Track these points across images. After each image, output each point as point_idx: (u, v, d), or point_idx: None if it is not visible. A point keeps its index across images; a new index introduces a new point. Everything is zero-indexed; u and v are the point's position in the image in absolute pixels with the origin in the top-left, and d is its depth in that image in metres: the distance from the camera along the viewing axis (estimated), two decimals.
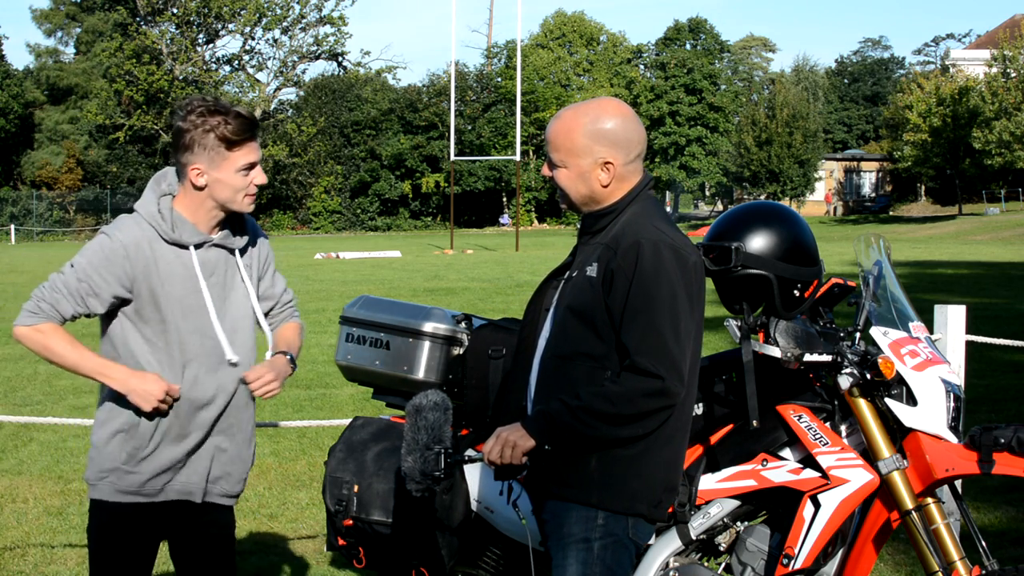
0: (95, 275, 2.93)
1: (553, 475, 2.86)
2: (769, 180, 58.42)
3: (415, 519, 3.46)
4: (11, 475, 6.90)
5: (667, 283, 2.73)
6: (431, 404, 2.92)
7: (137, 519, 3.07)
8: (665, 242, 2.77)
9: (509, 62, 64.15)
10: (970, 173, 52.57)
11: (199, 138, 2.93)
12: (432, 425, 2.89)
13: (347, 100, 64.91)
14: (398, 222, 64.25)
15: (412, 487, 2.91)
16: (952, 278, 20.62)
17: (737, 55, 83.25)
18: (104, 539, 3.10)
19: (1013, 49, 49.36)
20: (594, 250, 2.86)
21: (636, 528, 2.85)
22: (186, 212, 3.02)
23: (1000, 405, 8.38)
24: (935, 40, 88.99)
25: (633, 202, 2.89)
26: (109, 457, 3.03)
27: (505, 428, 2.81)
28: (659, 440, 2.80)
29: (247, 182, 3.01)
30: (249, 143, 3.00)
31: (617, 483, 2.80)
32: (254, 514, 6.00)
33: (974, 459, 2.96)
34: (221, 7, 63.40)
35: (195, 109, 2.95)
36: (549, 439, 2.76)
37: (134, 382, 2.93)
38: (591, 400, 2.71)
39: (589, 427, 2.72)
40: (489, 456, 2.80)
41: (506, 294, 18.40)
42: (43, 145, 62.47)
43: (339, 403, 9.12)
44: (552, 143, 2.91)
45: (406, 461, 2.91)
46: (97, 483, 3.05)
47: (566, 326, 2.84)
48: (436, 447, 2.87)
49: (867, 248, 3.39)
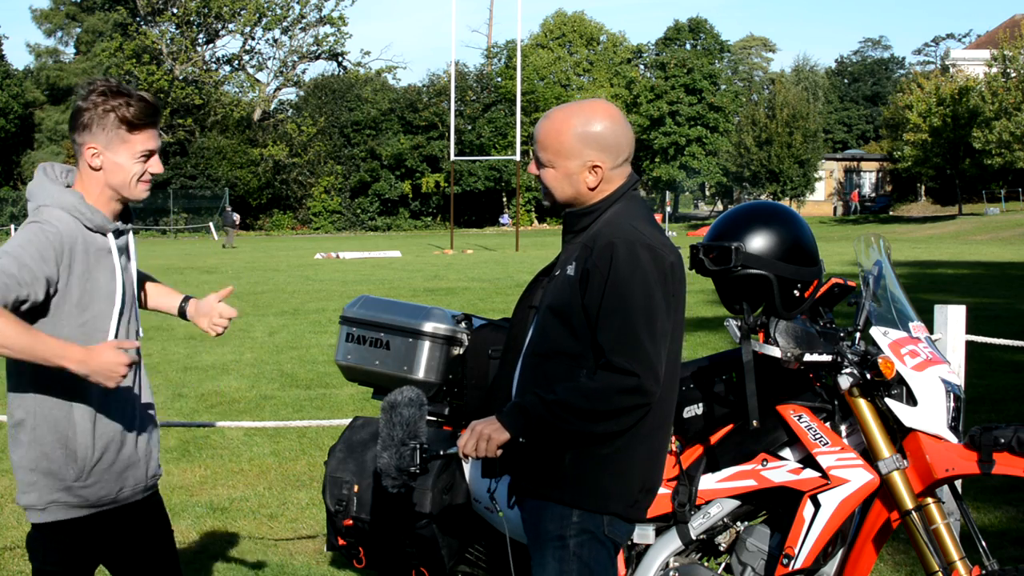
0: (33, 262, 2.78)
1: (530, 473, 2.87)
2: (769, 180, 58.43)
3: (415, 521, 3.46)
4: (11, 475, 6.89)
5: (642, 283, 2.72)
6: (406, 400, 2.92)
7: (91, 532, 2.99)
8: (641, 242, 2.76)
9: (509, 62, 64.19)
10: (970, 173, 52.58)
11: (99, 118, 2.87)
12: (407, 421, 2.89)
13: (347, 100, 64.91)
14: (398, 222, 64.26)
15: (388, 483, 2.90)
16: (952, 278, 20.62)
17: (737, 55, 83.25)
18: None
19: (1013, 49, 49.36)
20: (574, 249, 2.87)
21: (612, 526, 2.84)
22: (91, 199, 2.94)
23: (1000, 405, 8.38)
24: (935, 40, 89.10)
25: (616, 202, 2.89)
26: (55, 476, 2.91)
27: (480, 421, 2.81)
28: (635, 439, 2.80)
29: (143, 169, 2.95)
30: (149, 129, 2.93)
31: (591, 481, 2.80)
32: (254, 514, 6.00)
33: (974, 459, 2.96)
34: (221, 7, 63.43)
35: (97, 89, 2.89)
36: (523, 432, 2.76)
37: (93, 362, 2.73)
38: (566, 395, 2.71)
39: (563, 421, 2.72)
40: (464, 449, 2.81)
41: (506, 294, 18.40)
42: (43, 145, 62.45)
43: (339, 403, 9.12)
44: (541, 143, 2.91)
45: (382, 457, 2.90)
46: (46, 506, 2.93)
47: (546, 325, 2.86)
48: (411, 443, 2.87)
49: (867, 248, 3.39)
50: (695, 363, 3.32)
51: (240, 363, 11.46)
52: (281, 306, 17.39)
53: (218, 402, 9.36)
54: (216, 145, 61.21)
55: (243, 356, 11.94)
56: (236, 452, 7.45)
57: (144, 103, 2.91)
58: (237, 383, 10.26)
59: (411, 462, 2.86)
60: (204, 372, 10.86)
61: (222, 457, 7.32)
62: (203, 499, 6.30)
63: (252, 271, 26.40)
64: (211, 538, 5.60)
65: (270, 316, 15.85)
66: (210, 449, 7.52)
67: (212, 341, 13.01)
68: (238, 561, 5.22)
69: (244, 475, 6.86)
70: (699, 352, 10.09)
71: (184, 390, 9.81)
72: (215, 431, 7.89)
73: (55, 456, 2.90)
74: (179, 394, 9.58)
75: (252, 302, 18.05)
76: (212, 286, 21.28)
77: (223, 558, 5.26)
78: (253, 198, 62.79)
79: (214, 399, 9.48)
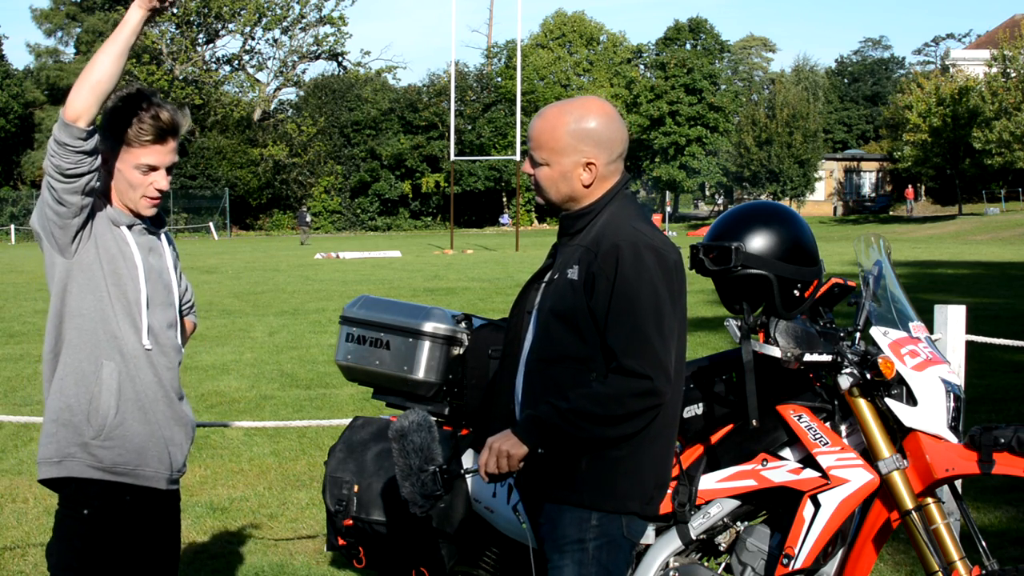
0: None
1: (545, 478, 2.87)
2: (769, 180, 58.44)
3: (415, 521, 3.46)
4: (11, 475, 6.90)
5: (649, 284, 2.73)
6: (414, 426, 2.90)
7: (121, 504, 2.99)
8: (644, 243, 2.77)
9: (509, 62, 64.19)
10: (970, 173, 52.60)
11: (112, 124, 2.95)
12: (420, 447, 2.88)
13: (347, 100, 64.90)
14: (398, 222, 64.26)
15: (416, 511, 2.90)
16: (952, 278, 20.63)
17: (737, 55, 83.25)
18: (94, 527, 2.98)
19: (1013, 49, 49.38)
20: (574, 252, 2.86)
21: (630, 526, 2.86)
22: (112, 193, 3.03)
23: (1000, 405, 8.38)
24: (935, 40, 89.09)
25: (611, 202, 2.89)
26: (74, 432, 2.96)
27: (496, 438, 2.80)
28: (647, 438, 2.81)
29: (145, 181, 2.97)
30: (156, 145, 2.96)
31: (608, 483, 2.81)
32: (254, 514, 6.00)
33: (974, 459, 2.96)
34: (221, 7, 63.41)
35: (121, 94, 2.95)
36: (541, 442, 2.76)
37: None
38: (580, 402, 2.71)
39: (579, 429, 2.72)
40: (486, 469, 2.79)
41: (506, 294, 18.39)
42: (43, 145, 62.15)
43: (339, 403, 9.12)
44: (535, 141, 2.90)
45: (404, 487, 2.90)
46: (62, 459, 2.96)
47: (549, 329, 2.84)
48: (430, 467, 2.86)
49: (867, 248, 3.39)
50: (695, 363, 3.32)
51: (240, 363, 11.46)
52: (281, 306, 17.38)
53: (218, 402, 9.36)
54: (216, 145, 61.21)
55: (243, 356, 11.94)
56: (236, 452, 7.45)
57: (157, 122, 2.94)
58: (237, 383, 10.26)
59: (434, 488, 2.86)
60: (204, 372, 10.86)
61: (222, 457, 7.32)
62: (203, 499, 6.30)
63: (252, 271, 26.40)
64: (211, 538, 5.60)
65: (270, 316, 15.85)
66: (210, 449, 7.52)
67: (212, 341, 13.02)
68: (238, 561, 5.22)
69: (244, 475, 6.86)
70: (699, 352, 10.08)
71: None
72: (215, 431, 7.89)
73: (78, 408, 2.95)
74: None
75: (252, 302, 18.05)
76: (212, 286, 21.29)
77: (223, 558, 5.26)
78: (253, 198, 62.78)
79: (214, 399, 9.48)
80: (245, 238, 57.60)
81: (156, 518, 3.10)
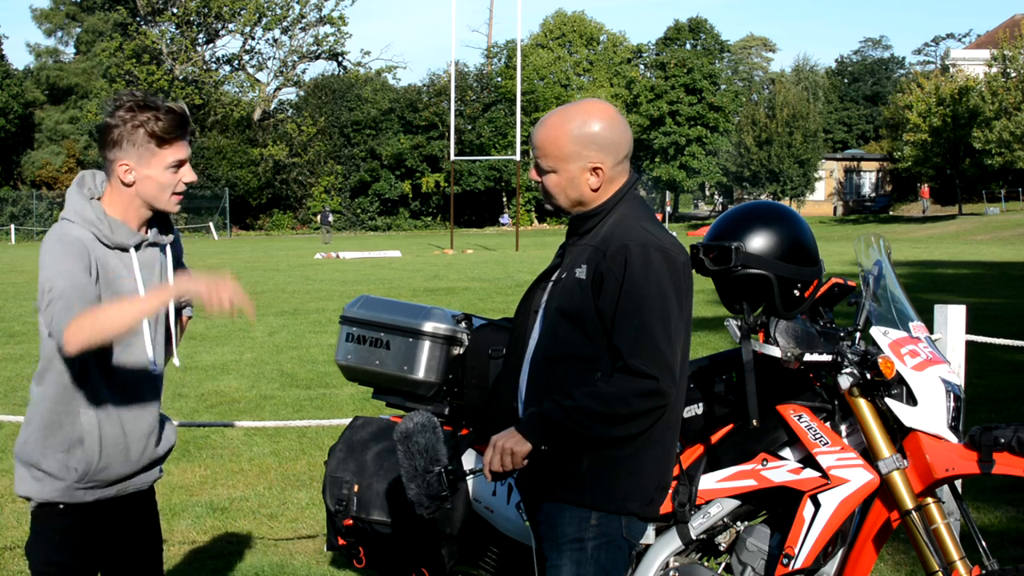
0: (77, 271, 2.81)
1: (546, 476, 2.87)
2: (769, 180, 58.44)
3: (415, 520, 3.46)
4: (11, 475, 6.90)
5: (657, 285, 2.73)
6: (418, 427, 2.91)
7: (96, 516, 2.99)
8: (653, 244, 2.77)
9: (509, 62, 64.18)
10: (970, 173, 52.59)
11: (128, 134, 2.87)
12: (424, 448, 2.88)
13: (347, 100, 64.91)
14: (398, 222, 64.25)
15: (422, 512, 2.90)
16: (952, 278, 20.63)
17: (737, 55, 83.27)
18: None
19: (1013, 49, 49.36)
20: (583, 252, 2.86)
21: (630, 527, 2.87)
22: (116, 212, 2.94)
23: (1000, 405, 8.38)
24: (935, 40, 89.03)
25: (620, 203, 2.89)
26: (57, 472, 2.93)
27: (499, 436, 2.80)
28: (649, 439, 2.81)
29: (175, 179, 2.95)
30: (179, 140, 2.93)
31: (609, 483, 2.81)
32: (254, 514, 6.00)
33: (974, 459, 2.96)
34: (221, 7, 63.42)
35: (124, 104, 2.89)
36: (545, 440, 2.76)
37: (201, 281, 2.79)
38: (585, 400, 2.71)
39: (583, 427, 2.72)
40: (491, 467, 2.79)
41: (506, 294, 18.39)
42: (43, 145, 62.44)
43: (339, 403, 9.12)
44: (540, 149, 2.90)
45: (409, 489, 2.90)
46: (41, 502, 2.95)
47: (556, 328, 2.84)
48: (435, 468, 2.87)
49: (867, 248, 3.39)
50: (695, 363, 3.32)
51: (240, 363, 11.46)
52: (281, 306, 17.38)
53: (218, 402, 9.36)
54: (216, 145, 61.22)
55: (243, 356, 11.95)
56: (236, 452, 7.45)
57: (172, 115, 2.91)
58: (237, 383, 10.26)
59: (439, 488, 2.86)
60: (204, 372, 10.86)
61: (222, 457, 7.32)
62: (203, 499, 6.30)
63: (252, 271, 26.40)
64: (211, 538, 5.60)
65: (270, 316, 15.85)
66: (210, 449, 7.52)
67: (212, 341, 13.02)
68: (238, 561, 5.22)
69: (244, 475, 6.86)
70: (699, 352, 10.08)
71: (184, 390, 9.80)
72: (215, 431, 7.89)
73: (57, 458, 2.92)
74: (179, 394, 9.58)
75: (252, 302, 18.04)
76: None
77: (223, 558, 5.26)
78: (253, 198, 62.79)
79: (214, 399, 9.48)
80: (245, 238, 57.58)
81: (133, 505, 3.11)
